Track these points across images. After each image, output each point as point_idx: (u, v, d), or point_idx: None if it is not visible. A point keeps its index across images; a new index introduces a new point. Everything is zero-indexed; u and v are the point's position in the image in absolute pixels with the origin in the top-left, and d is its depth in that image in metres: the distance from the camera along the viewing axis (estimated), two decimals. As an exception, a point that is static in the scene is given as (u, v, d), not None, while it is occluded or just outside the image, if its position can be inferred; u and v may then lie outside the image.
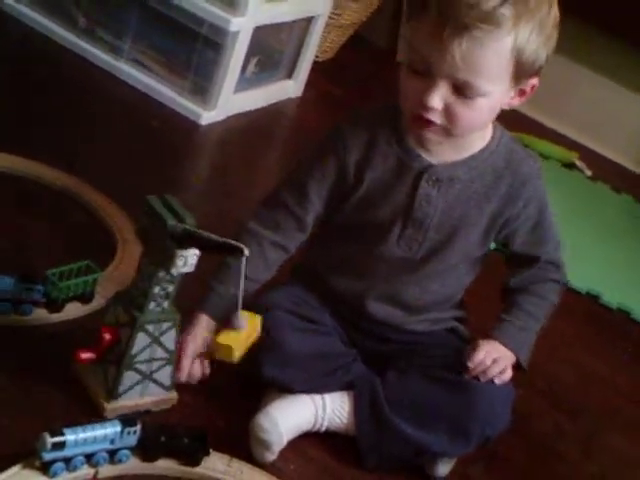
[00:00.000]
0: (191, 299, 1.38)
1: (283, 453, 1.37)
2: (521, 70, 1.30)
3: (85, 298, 1.50)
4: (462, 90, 1.28)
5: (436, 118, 1.31)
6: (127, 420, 1.25)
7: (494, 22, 1.24)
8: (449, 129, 1.33)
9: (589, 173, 2.92)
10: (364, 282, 1.47)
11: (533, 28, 1.27)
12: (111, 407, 1.32)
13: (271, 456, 1.36)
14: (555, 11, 1.31)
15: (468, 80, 1.27)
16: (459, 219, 1.43)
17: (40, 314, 1.45)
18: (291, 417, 1.39)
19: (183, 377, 1.39)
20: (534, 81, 1.35)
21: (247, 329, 1.32)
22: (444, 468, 1.45)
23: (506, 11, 1.24)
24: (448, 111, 1.30)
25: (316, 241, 1.51)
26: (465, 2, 1.23)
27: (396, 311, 1.49)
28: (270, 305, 1.43)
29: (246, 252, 1.25)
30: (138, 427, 1.24)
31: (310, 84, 2.65)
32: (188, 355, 1.39)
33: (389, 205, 1.42)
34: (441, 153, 1.40)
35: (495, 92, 1.30)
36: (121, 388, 1.33)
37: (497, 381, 1.42)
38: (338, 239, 1.49)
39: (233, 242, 1.27)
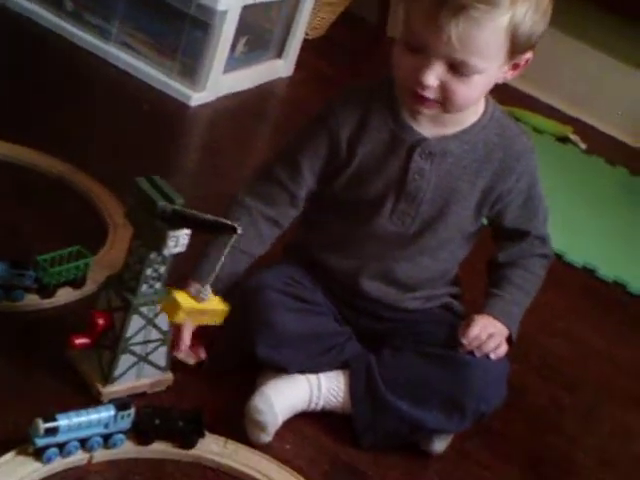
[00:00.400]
0: (183, 279, 1.37)
1: (279, 432, 1.37)
2: (516, 46, 1.30)
3: (77, 283, 1.49)
4: (458, 68, 1.28)
5: (432, 95, 1.31)
6: (121, 404, 1.24)
7: (492, 1, 1.24)
8: (445, 105, 1.33)
9: (584, 147, 2.91)
10: (357, 260, 1.47)
11: (530, 5, 1.27)
12: (107, 391, 1.32)
13: (267, 437, 1.35)
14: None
15: (464, 59, 1.27)
16: (451, 193, 1.42)
17: (32, 300, 1.45)
18: (286, 397, 1.38)
19: (182, 351, 1.38)
20: (528, 55, 1.34)
21: (205, 306, 1.28)
22: (440, 444, 1.45)
23: None
24: (444, 88, 1.30)
25: (308, 219, 1.51)
26: None
27: (389, 289, 1.48)
28: (262, 285, 1.42)
29: (239, 230, 1.24)
30: (132, 411, 1.24)
31: (300, 63, 2.63)
32: (185, 333, 1.37)
33: (382, 179, 1.41)
34: (434, 127, 1.39)
35: (491, 68, 1.30)
36: (117, 372, 1.32)
37: (493, 356, 1.41)
38: (330, 216, 1.48)
39: (225, 221, 1.25)
